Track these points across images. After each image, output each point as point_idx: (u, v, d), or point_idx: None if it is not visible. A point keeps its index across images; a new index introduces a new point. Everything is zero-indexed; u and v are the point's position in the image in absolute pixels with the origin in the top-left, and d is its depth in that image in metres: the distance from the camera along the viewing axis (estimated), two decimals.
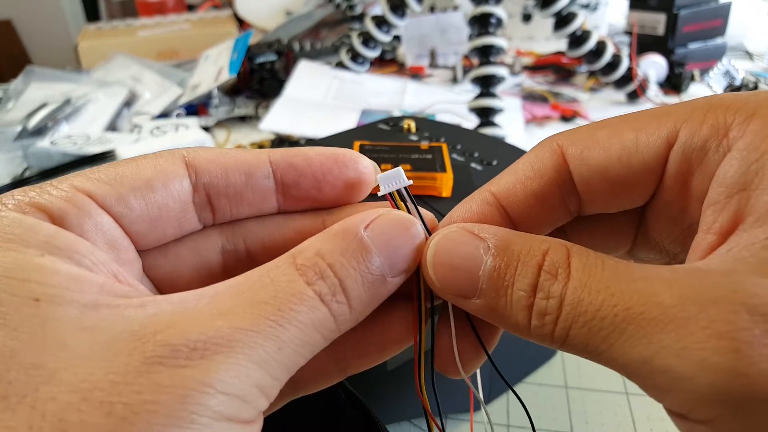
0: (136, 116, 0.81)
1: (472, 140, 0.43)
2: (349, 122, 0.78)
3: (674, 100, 0.85)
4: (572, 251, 0.15)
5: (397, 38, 1.03)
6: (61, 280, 0.13)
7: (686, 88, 0.88)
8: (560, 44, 0.88)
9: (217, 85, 0.81)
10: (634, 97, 0.84)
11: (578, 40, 0.79)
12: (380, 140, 0.43)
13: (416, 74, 0.99)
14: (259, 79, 0.90)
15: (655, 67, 0.87)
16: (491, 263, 0.16)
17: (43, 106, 0.78)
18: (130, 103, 0.85)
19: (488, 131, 0.71)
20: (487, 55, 0.73)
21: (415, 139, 0.43)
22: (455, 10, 1.05)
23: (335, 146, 0.20)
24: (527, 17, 1.11)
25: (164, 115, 0.82)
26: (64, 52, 1.80)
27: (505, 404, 0.36)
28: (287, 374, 0.14)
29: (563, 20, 0.78)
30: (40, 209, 0.15)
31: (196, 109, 0.84)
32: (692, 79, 0.89)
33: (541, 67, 1.01)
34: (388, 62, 1.05)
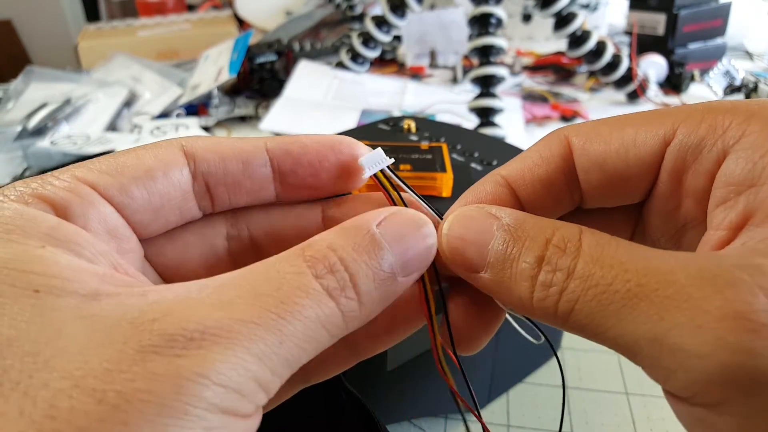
0: (136, 116, 0.81)
1: (472, 140, 0.43)
2: (349, 122, 0.78)
3: (674, 100, 0.85)
4: (584, 230, 0.16)
5: (397, 38, 1.03)
6: (61, 271, 0.13)
7: (686, 88, 0.88)
8: (560, 44, 0.88)
9: (217, 85, 0.81)
10: (634, 97, 0.84)
11: (578, 40, 0.79)
12: (380, 140, 0.43)
13: (416, 74, 0.99)
14: (259, 79, 0.90)
15: (655, 67, 0.87)
16: (500, 237, 0.16)
17: (43, 106, 0.78)
18: (130, 103, 0.85)
19: (488, 131, 0.71)
20: (487, 55, 0.73)
21: (415, 139, 0.43)
22: (455, 7, 1.05)
23: None
24: (527, 17, 1.11)
25: (164, 115, 0.82)
26: (64, 52, 1.80)
27: (505, 404, 0.36)
28: (288, 370, 0.14)
29: (563, 20, 0.78)
30: (42, 200, 0.15)
31: (196, 109, 0.84)
32: (692, 79, 0.89)
33: (541, 67, 1.01)
34: (388, 62, 1.05)
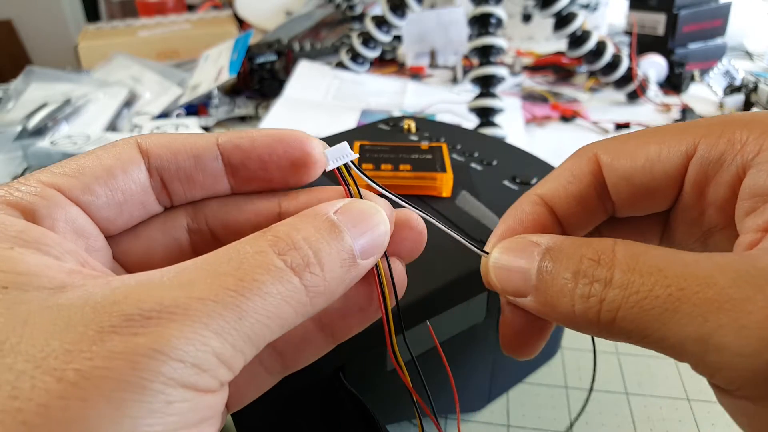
0: (136, 116, 0.81)
1: (472, 140, 0.43)
2: (349, 122, 0.78)
3: (674, 100, 0.85)
4: (617, 242, 0.17)
5: (397, 38, 1.03)
6: (29, 268, 0.14)
7: (686, 88, 0.88)
8: (560, 44, 0.88)
9: (217, 85, 0.81)
10: (634, 97, 0.84)
11: (578, 40, 0.79)
12: (380, 140, 0.43)
13: (416, 74, 0.99)
14: (259, 79, 0.90)
15: (655, 67, 0.87)
16: (540, 261, 0.18)
17: (43, 106, 0.78)
18: (130, 103, 0.85)
19: (488, 131, 0.71)
20: (487, 55, 0.73)
21: (415, 139, 0.43)
22: (456, 7, 1.05)
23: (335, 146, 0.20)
24: (527, 17, 1.11)
25: (164, 115, 0.82)
26: (64, 52, 1.79)
27: (505, 404, 0.36)
28: (252, 346, 0.14)
29: (563, 20, 0.78)
30: (10, 205, 0.16)
31: (196, 109, 0.84)
32: (692, 79, 0.89)
33: (541, 67, 1.01)
34: (388, 62, 1.05)
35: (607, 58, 0.80)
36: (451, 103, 0.83)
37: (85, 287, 0.14)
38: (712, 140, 0.18)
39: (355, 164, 0.20)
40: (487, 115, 0.72)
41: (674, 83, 0.88)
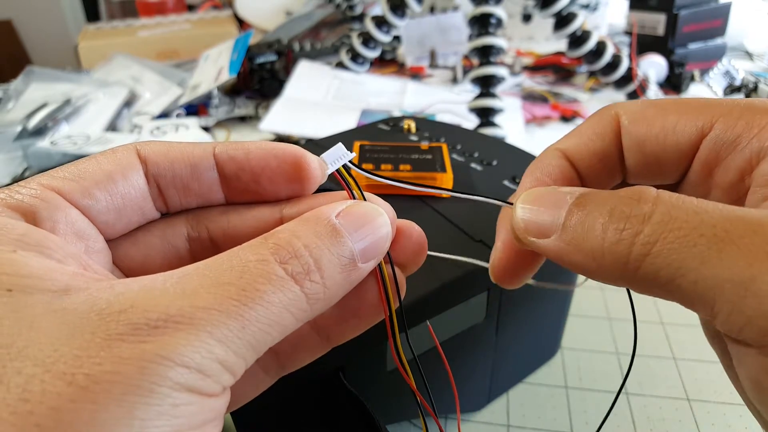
0: (136, 116, 0.81)
1: (472, 140, 0.43)
2: (349, 122, 0.78)
3: None
4: (661, 191, 0.16)
5: (397, 38, 1.03)
6: (32, 271, 0.14)
7: (686, 88, 0.88)
8: (560, 44, 0.88)
9: (217, 85, 0.81)
10: (634, 97, 0.84)
11: (578, 40, 0.79)
12: (380, 140, 0.43)
13: (416, 74, 0.99)
14: (259, 79, 0.90)
15: (655, 67, 0.87)
16: (573, 201, 0.18)
17: (43, 106, 0.78)
18: (130, 103, 0.85)
19: (488, 131, 0.71)
20: (487, 55, 0.73)
21: (415, 139, 0.43)
22: (455, 10, 1.05)
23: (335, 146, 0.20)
24: (527, 17, 1.11)
25: (164, 115, 0.82)
26: (64, 52, 1.80)
27: (505, 404, 0.36)
28: (254, 352, 0.15)
29: (563, 20, 0.78)
30: (11, 209, 0.16)
31: (196, 109, 0.84)
32: (692, 79, 0.89)
33: (541, 67, 1.01)
34: (388, 62, 1.05)
35: (607, 58, 0.80)
36: (451, 103, 0.83)
37: (88, 291, 0.14)
38: (730, 121, 0.18)
39: (354, 163, 0.20)
40: (487, 115, 0.72)
41: (674, 83, 0.88)
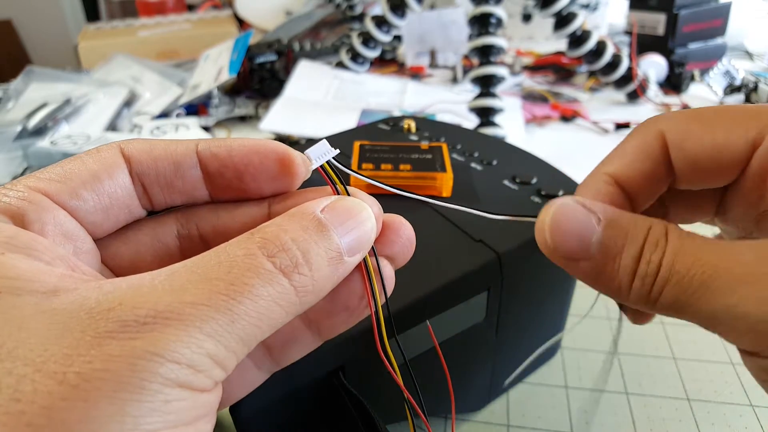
0: (136, 116, 0.81)
1: (472, 140, 0.43)
2: (349, 122, 0.78)
3: (674, 100, 0.85)
4: (669, 228, 0.19)
5: (397, 38, 1.03)
6: (20, 273, 0.14)
7: (686, 88, 0.88)
8: (560, 44, 0.88)
9: (217, 85, 0.81)
10: (634, 97, 0.84)
11: (578, 40, 0.79)
12: (380, 140, 0.43)
13: (416, 74, 0.99)
14: (259, 79, 0.90)
15: (655, 67, 0.87)
16: (602, 233, 0.19)
17: (43, 106, 0.78)
18: (130, 103, 0.85)
19: (488, 131, 0.71)
20: (487, 55, 0.73)
21: (415, 139, 0.43)
22: (455, 7, 1.05)
23: (335, 146, 0.20)
24: (527, 17, 1.11)
25: (164, 115, 0.82)
26: (64, 52, 1.80)
27: (505, 404, 0.36)
28: (244, 346, 0.15)
29: (563, 20, 0.78)
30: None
31: (196, 109, 0.84)
32: (692, 79, 0.89)
33: (541, 67, 1.01)
34: (388, 62, 1.05)
35: (607, 58, 0.80)
36: (451, 103, 0.83)
37: (77, 291, 0.14)
38: None
39: (336, 160, 0.20)
40: (487, 115, 0.72)
41: (674, 83, 0.88)
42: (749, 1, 1.05)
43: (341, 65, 0.91)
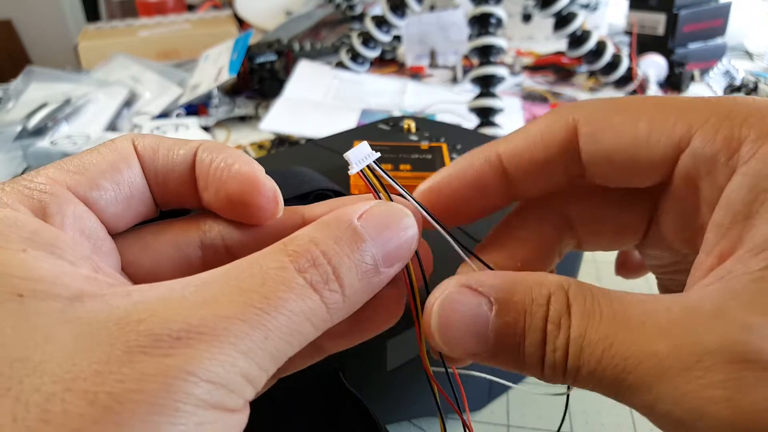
0: (136, 116, 0.81)
1: (472, 140, 0.43)
2: (349, 122, 0.78)
3: None
4: (570, 296, 0.16)
5: (397, 38, 1.03)
6: (44, 275, 0.13)
7: (686, 88, 0.88)
8: (560, 44, 0.88)
9: (217, 85, 0.81)
10: None
11: (578, 40, 0.79)
12: (380, 140, 0.43)
13: (416, 74, 0.99)
14: (259, 79, 0.90)
15: (655, 67, 0.87)
16: (497, 321, 0.16)
17: (43, 106, 0.78)
18: (130, 103, 0.85)
19: (488, 131, 0.71)
20: (487, 55, 0.73)
21: (415, 139, 0.43)
22: (455, 9, 1.05)
23: (335, 146, 0.20)
24: (527, 17, 1.11)
25: (164, 115, 0.82)
26: (64, 52, 1.80)
27: (505, 404, 0.36)
28: (274, 364, 0.14)
29: (563, 20, 0.78)
30: (20, 203, 0.15)
31: (196, 109, 0.84)
32: (692, 79, 0.89)
33: (541, 67, 1.01)
34: (388, 62, 1.05)
35: (607, 58, 0.80)
36: (451, 103, 0.83)
37: (104, 298, 0.13)
38: (708, 135, 0.16)
39: (377, 163, 0.19)
40: (487, 115, 0.72)
41: (674, 83, 0.88)
42: (749, 1, 1.05)
43: (341, 65, 0.91)
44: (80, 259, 0.15)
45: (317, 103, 0.84)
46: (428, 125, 0.46)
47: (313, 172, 0.34)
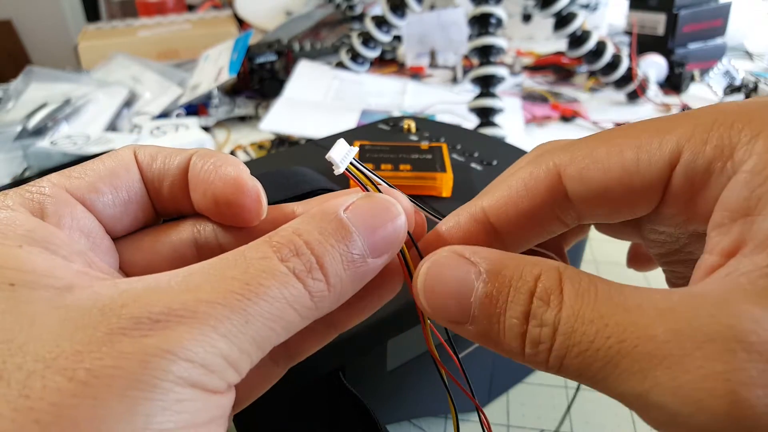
0: (136, 116, 0.81)
1: (472, 140, 0.43)
2: (349, 122, 0.78)
3: (674, 100, 0.85)
4: (564, 275, 0.15)
5: (397, 38, 1.03)
6: (36, 267, 0.14)
7: (686, 88, 0.88)
8: (560, 44, 0.88)
9: (217, 85, 0.81)
10: (634, 97, 0.84)
11: (578, 40, 0.79)
12: (380, 140, 0.43)
13: (416, 74, 0.99)
14: (259, 79, 0.90)
15: (655, 67, 0.87)
16: (482, 289, 0.16)
17: (43, 106, 0.78)
18: (130, 103, 0.85)
19: (488, 131, 0.71)
20: (487, 55, 0.73)
21: (415, 139, 0.43)
22: (455, 8, 1.05)
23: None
24: (527, 17, 1.11)
25: (164, 115, 0.82)
26: (64, 52, 1.80)
27: (505, 404, 0.36)
28: (258, 349, 0.14)
29: (563, 20, 0.78)
30: (20, 204, 0.16)
31: (196, 109, 0.84)
32: (692, 79, 0.89)
33: (541, 67, 1.01)
34: (388, 62, 1.05)
35: (607, 58, 0.80)
36: (451, 103, 0.83)
37: (92, 288, 0.14)
38: (697, 146, 0.16)
39: (356, 160, 0.19)
40: (487, 115, 0.72)
41: (674, 83, 0.88)
42: (749, 1, 1.05)
43: (341, 65, 0.91)
44: (74, 254, 0.15)
45: (317, 103, 0.84)
46: (428, 125, 0.47)
47: (313, 172, 0.34)
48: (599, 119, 0.80)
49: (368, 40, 0.87)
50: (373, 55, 0.89)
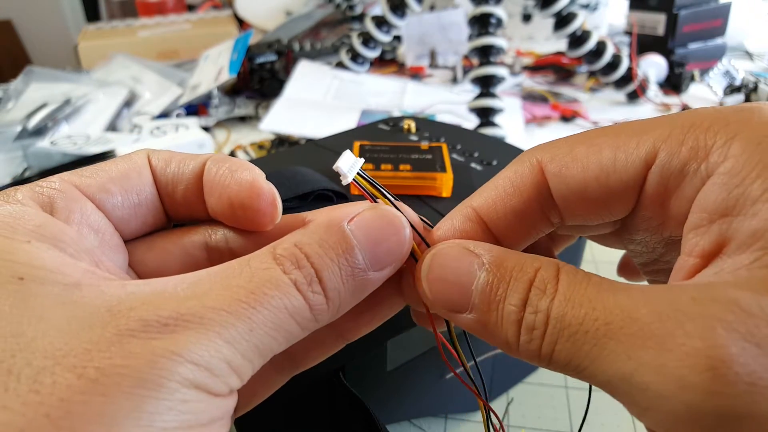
0: (136, 116, 0.81)
1: (472, 140, 0.43)
2: (349, 122, 0.78)
3: (674, 100, 0.85)
4: (562, 269, 0.16)
5: (397, 38, 1.03)
6: (45, 263, 0.14)
7: (686, 88, 0.88)
8: (560, 44, 0.88)
9: (217, 85, 0.81)
10: (634, 97, 0.84)
11: (578, 40, 0.79)
12: (380, 140, 0.43)
13: (416, 74, 0.99)
14: (259, 79, 0.90)
15: (655, 67, 0.87)
16: (484, 278, 0.16)
17: (43, 106, 0.78)
18: (130, 103, 0.85)
19: (488, 131, 0.71)
20: (487, 55, 0.73)
21: (415, 139, 0.43)
22: (455, 9, 1.05)
23: (335, 146, 0.20)
24: (527, 17, 1.11)
25: (164, 115, 0.82)
26: (64, 52, 1.80)
27: (504, 404, 0.36)
28: (260, 356, 0.15)
29: (563, 20, 0.78)
30: (30, 198, 0.16)
31: (196, 109, 0.84)
32: (692, 79, 0.89)
33: (541, 67, 1.01)
34: (388, 62, 1.05)
35: (607, 58, 0.80)
36: (451, 103, 0.83)
37: (99, 287, 0.14)
38: (673, 147, 0.16)
39: (362, 171, 0.19)
40: (487, 115, 0.72)
41: (674, 83, 0.88)
42: (749, 1, 1.05)
43: (341, 65, 0.91)
44: (81, 252, 0.15)
45: (317, 103, 0.84)
46: (428, 125, 0.46)
47: (313, 172, 0.34)
48: (599, 119, 0.80)
49: (368, 40, 0.87)
50: (373, 55, 0.89)
